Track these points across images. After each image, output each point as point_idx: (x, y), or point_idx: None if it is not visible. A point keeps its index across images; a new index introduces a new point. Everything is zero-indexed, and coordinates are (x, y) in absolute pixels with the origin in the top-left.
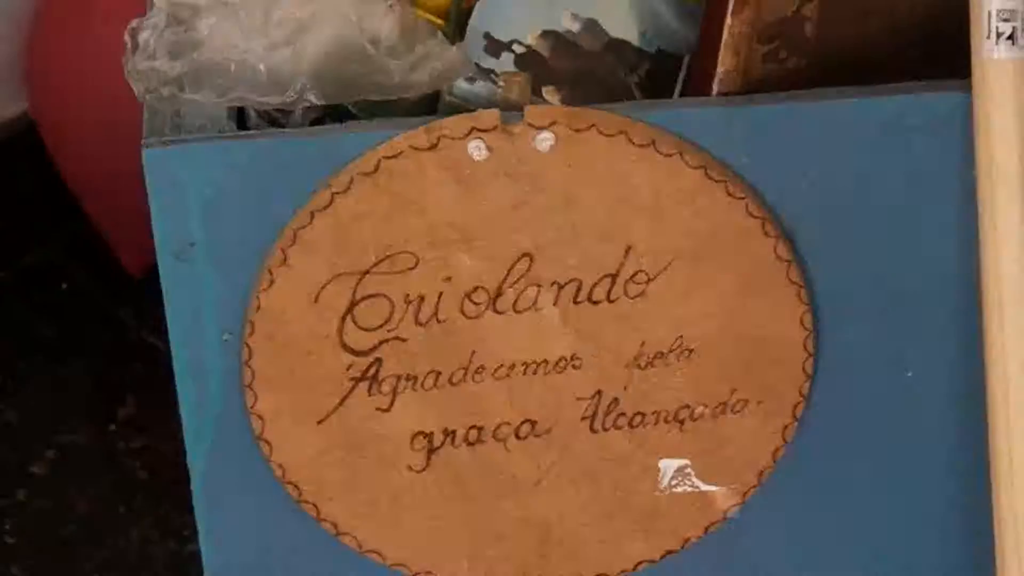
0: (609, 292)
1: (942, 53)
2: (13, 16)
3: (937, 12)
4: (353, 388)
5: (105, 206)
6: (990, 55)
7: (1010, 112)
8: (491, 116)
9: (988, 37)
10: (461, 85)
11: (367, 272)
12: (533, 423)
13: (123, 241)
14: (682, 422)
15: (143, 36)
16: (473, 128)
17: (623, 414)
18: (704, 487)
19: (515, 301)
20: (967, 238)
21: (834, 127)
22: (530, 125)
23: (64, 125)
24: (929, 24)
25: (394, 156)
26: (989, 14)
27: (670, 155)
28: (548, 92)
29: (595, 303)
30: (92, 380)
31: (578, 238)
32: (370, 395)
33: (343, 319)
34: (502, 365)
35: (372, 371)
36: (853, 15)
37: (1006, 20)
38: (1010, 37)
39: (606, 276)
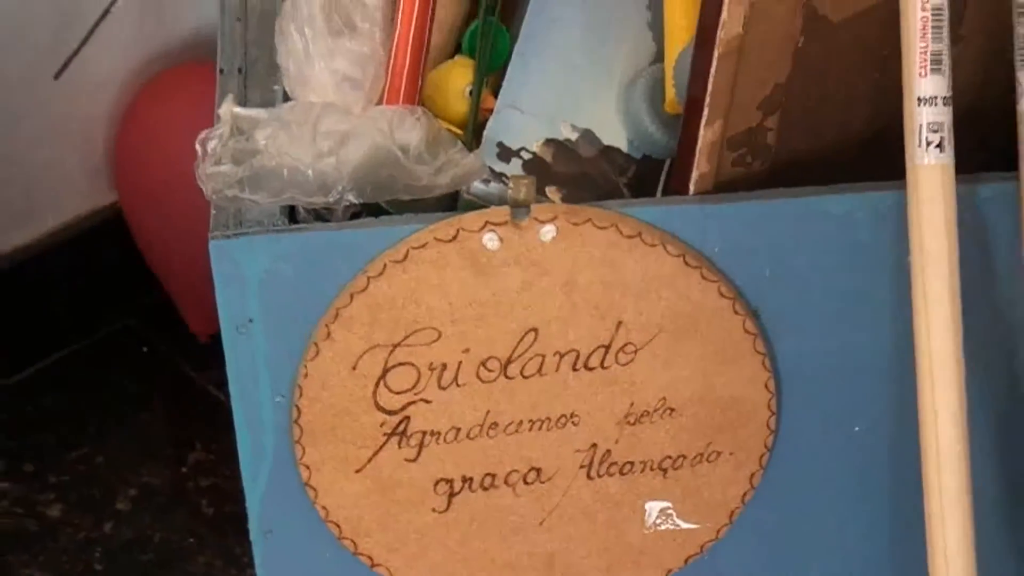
0: (603, 360)
1: (884, 158)
2: (108, 122)
3: (879, 125)
4: (385, 442)
5: (178, 282)
6: (921, 160)
7: (939, 207)
8: (502, 212)
9: (920, 145)
10: (477, 186)
11: (398, 345)
12: (538, 471)
13: (192, 311)
14: (665, 470)
15: (211, 145)
16: (487, 222)
17: (615, 463)
18: (684, 525)
19: (523, 368)
20: (905, 314)
21: (793, 221)
22: (535, 220)
23: (147, 214)
24: (873, 134)
25: (421, 246)
26: (921, 126)
27: (654, 245)
28: (551, 191)
29: (591, 369)
30: (167, 429)
31: (576, 315)
32: (400, 448)
33: (377, 384)
34: (512, 422)
35: (401, 427)
36: (809, 126)
37: (935, 132)
38: (938, 146)
39: (600, 347)
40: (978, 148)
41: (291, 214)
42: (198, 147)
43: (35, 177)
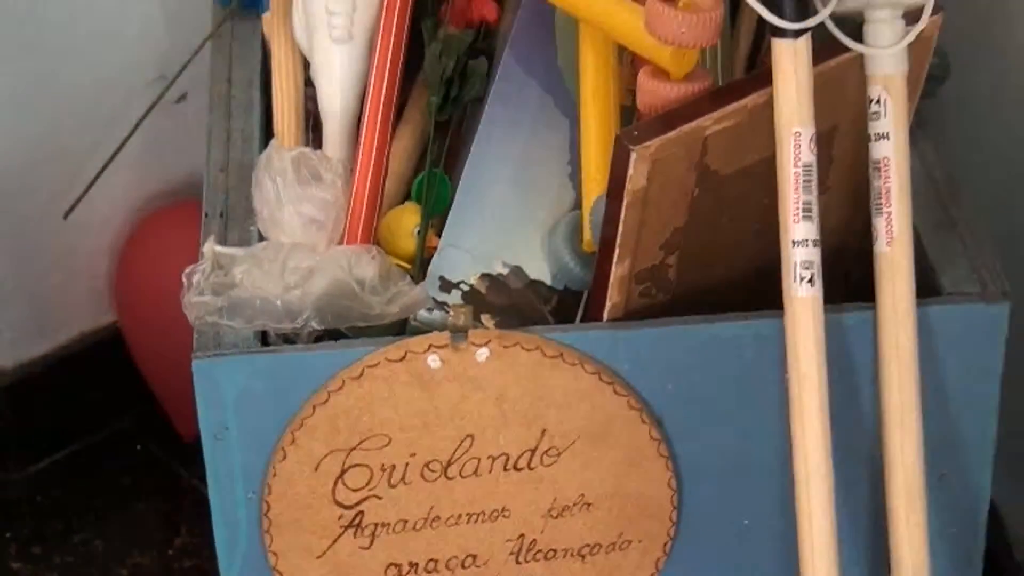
0: (530, 462)
1: (766, 289)
2: (110, 254)
3: (762, 262)
4: (343, 532)
5: (167, 391)
6: (796, 293)
7: (810, 333)
8: (444, 337)
9: (794, 280)
10: (423, 314)
11: (354, 449)
12: (474, 557)
13: (179, 416)
14: (583, 556)
15: (195, 278)
16: (431, 345)
17: (540, 550)
18: None
19: (461, 469)
20: (785, 423)
21: (690, 344)
22: (472, 343)
23: (141, 333)
24: (757, 269)
25: (374, 365)
26: (795, 264)
27: (574, 364)
28: (485, 319)
29: (519, 470)
30: (156, 517)
31: (507, 424)
32: (355, 537)
33: (336, 482)
34: (452, 515)
35: (357, 520)
36: (703, 263)
37: (807, 269)
38: (810, 280)
39: (527, 450)
40: (843, 281)
41: (263, 338)
42: (184, 279)
43: (46, 300)
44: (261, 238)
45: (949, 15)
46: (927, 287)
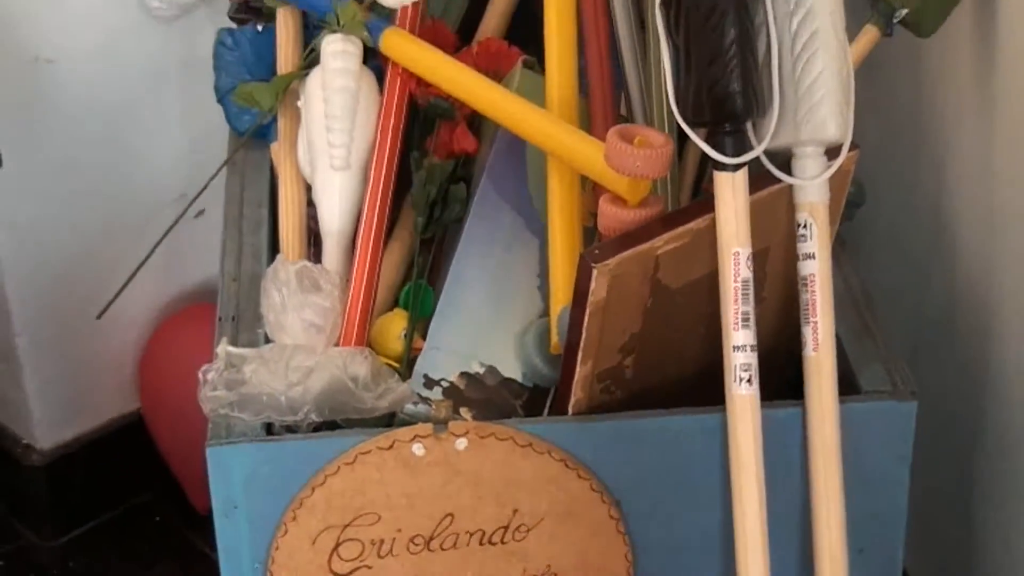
0: (503, 537)
1: (711, 387)
2: (135, 349)
3: (707, 363)
4: None
5: (183, 470)
6: (736, 391)
7: (748, 427)
8: (427, 428)
9: (734, 380)
10: (409, 407)
11: (347, 525)
12: None
13: (194, 491)
14: None
15: (210, 375)
16: (416, 435)
17: None
18: None
19: (442, 543)
20: (726, 503)
21: (644, 434)
22: (452, 434)
23: (162, 418)
24: (702, 370)
25: (366, 452)
26: (735, 366)
27: (542, 452)
28: (464, 412)
29: (493, 544)
30: None
31: (483, 504)
32: None
33: (331, 555)
34: None
35: None
36: (656, 364)
37: (745, 370)
38: (748, 380)
39: (501, 527)
40: (777, 381)
41: (268, 427)
42: (200, 376)
43: (79, 389)
44: (268, 340)
45: (864, 150)
46: (848, 386)
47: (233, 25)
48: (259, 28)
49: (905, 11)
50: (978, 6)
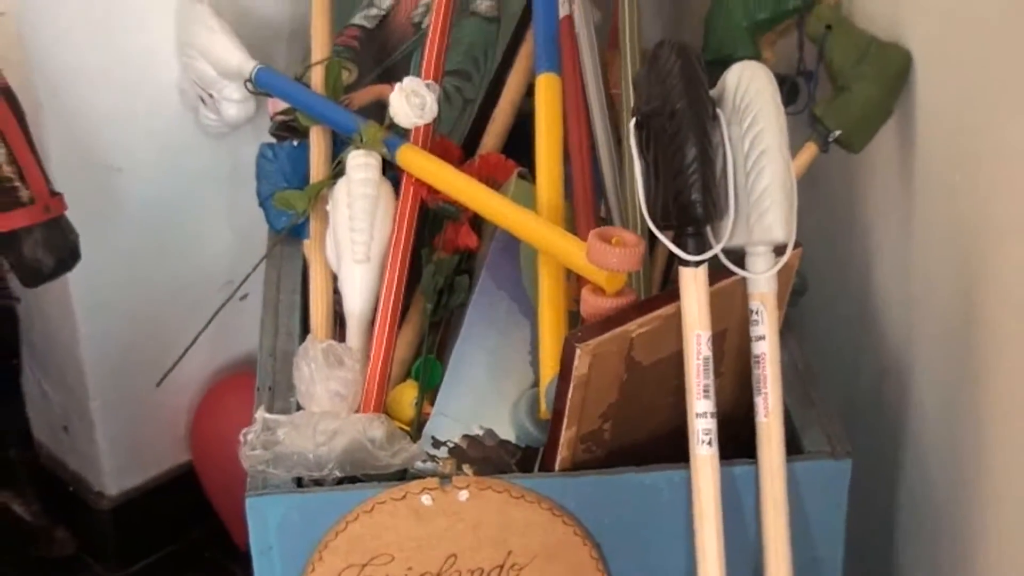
0: (499, 574)
1: (677, 447)
2: (188, 410)
3: (674, 427)
4: None
5: (229, 514)
6: (699, 452)
7: (709, 482)
8: (434, 481)
9: (698, 443)
10: (419, 464)
11: (365, 564)
12: None
13: (237, 531)
14: None
15: (249, 436)
16: (424, 488)
17: None
18: None
19: None
20: (691, 547)
21: (620, 489)
22: (456, 487)
23: (210, 469)
24: (670, 433)
25: (382, 502)
26: (698, 431)
27: (533, 503)
28: (466, 468)
29: None
30: None
31: (481, 546)
32: None
33: None
34: None
35: None
36: (631, 428)
37: (706, 434)
38: (709, 443)
39: (497, 566)
40: (734, 442)
41: (299, 481)
42: (241, 437)
43: (141, 444)
44: (299, 407)
45: (805, 248)
46: (793, 447)
47: (273, 140)
48: (295, 143)
49: (839, 132)
50: (899, 128)
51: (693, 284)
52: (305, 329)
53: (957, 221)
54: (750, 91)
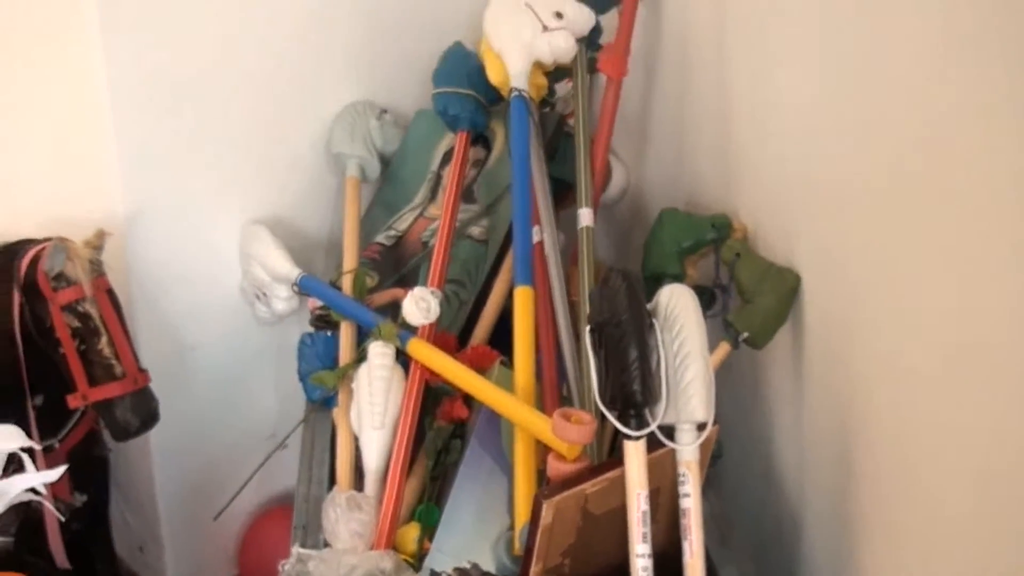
0: None
1: None
2: (237, 536)
3: (620, 563)
4: None
5: None
6: None
7: None
8: None
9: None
10: None
11: None
12: None
13: None
14: None
15: (286, 567)
16: None
17: None
18: None
19: None
20: None
21: None
22: None
23: None
24: (618, 567)
25: None
26: (639, 568)
27: None
28: None
29: None
30: None
31: None
32: None
33: None
34: None
35: None
36: (586, 563)
37: (645, 570)
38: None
39: None
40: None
41: None
42: (279, 567)
43: (200, 560)
44: (326, 544)
45: (721, 425)
46: None
47: (312, 330)
48: (329, 334)
49: (747, 333)
50: (792, 331)
51: (635, 453)
52: (332, 480)
53: (835, 403)
54: (677, 307)
